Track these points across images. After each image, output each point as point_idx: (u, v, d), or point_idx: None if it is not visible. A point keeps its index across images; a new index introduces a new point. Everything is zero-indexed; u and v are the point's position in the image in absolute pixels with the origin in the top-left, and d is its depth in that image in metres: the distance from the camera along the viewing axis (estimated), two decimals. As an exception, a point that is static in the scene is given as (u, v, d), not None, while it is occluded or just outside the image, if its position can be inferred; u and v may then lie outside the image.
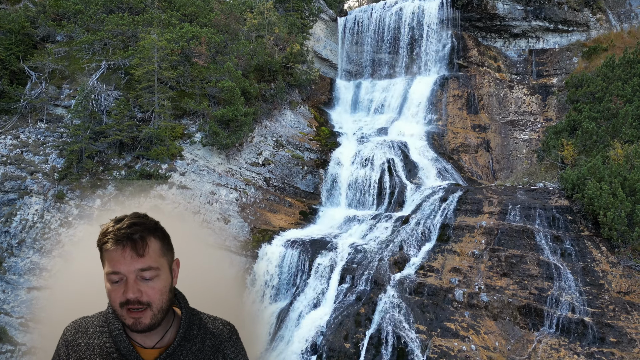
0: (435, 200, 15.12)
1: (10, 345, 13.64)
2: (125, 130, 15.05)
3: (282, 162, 19.42)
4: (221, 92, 16.68)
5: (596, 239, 11.76)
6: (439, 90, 23.19)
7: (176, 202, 15.33)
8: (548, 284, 10.91)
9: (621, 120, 14.68)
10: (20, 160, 15.26)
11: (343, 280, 12.95)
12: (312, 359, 10.97)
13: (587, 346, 9.43)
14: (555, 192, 13.91)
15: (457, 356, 9.70)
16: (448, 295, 11.34)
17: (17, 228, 14.37)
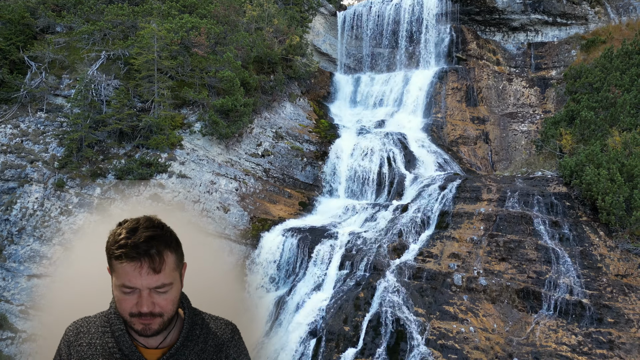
0: (434, 189, 15.18)
1: (11, 332, 13.68)
2: (125, 119, 15.09)
3: (281, 153, 19.46)
4: (221, 82, 16.72)
5: (594, 223, 11.81)
6: (438, 83, 23.25)
7: (176, 191, 15.37)
8: (546, 267, 10.96)
9: (619, 108, 14.74)
10: (20, 149, 15.30)
11: (342, 267, 13.00)
12: (312, 342, 11.01)
13: (584, 327, 9.49)
14: (554, 179, 13.97)
15: (455, 337, 9.76)
16: (447, 280, 11.39)
17: (17, 216, 14.41)
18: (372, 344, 10.18)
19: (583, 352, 8.91)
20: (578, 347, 9.04)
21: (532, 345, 9.27)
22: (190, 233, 15.20)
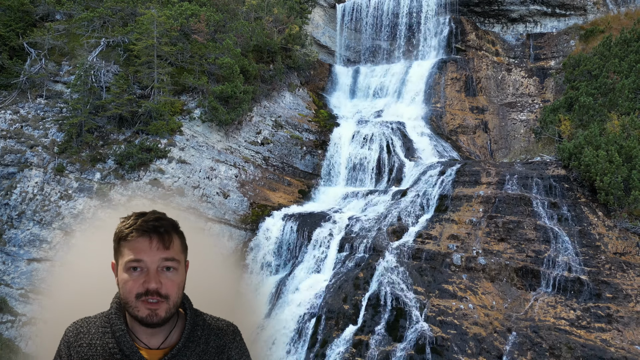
0: (434, 174, 15.22)
1: (11, 316, 13.70)
2: (124, 105, 15.10)
3: (281, 142, 19.49)
4: (220, 68, 16.74)
5: (592, 204, 11.86)
6: (438, 74, 23.28)
7: (176, 176, 15.39)
8: (545, 246, 11.01)
9: (618, 93, 14.79)
10: (20, 135, 15.31)
11: (342, 249, 13.04)
12: (311, 321, 11.05)
13: (583, 302, 9.53)
14: (552, 163, 14.02)
15: (454, 314, 9.80)
16: (446, 260, 11.43)
17: (17, 200, 14.43)
18: (372, 321, 10.21)
19: (582, 326, 8.96)
20: (577, 322, 9.09)
21: (531, 320, 9.32)
22: (190, 218, 15.24)
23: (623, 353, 8.08)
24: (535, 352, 8.54)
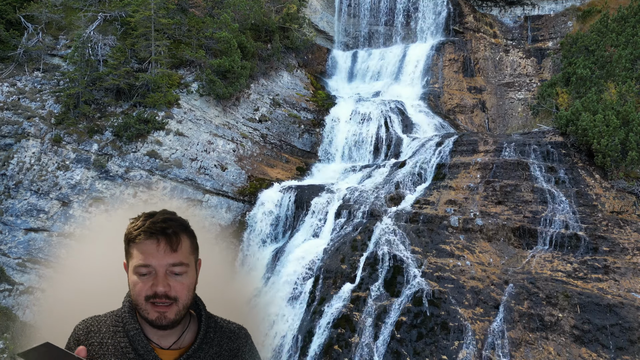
0: (431, 145, 15.23)
1: (8, 285, 13.68)
2: (122, 77, 15.07)
3: (278, 119, 19.48)
4: (218, 42, 16.72)
5: (589, 167, 11.89)
6: (435, 55, 23.29)
7: (173, 148, 15.37)
8: (542, 207, 11.03)
9: (615, 63, 14.81)
10: (17, 107, 15.27)
11: (339, 216, 13.04)
12: (309, 281, 11.06)
13: (580, 256, 9.55)
14: (550, 132, 14.04)
15: (452, 270, 9.81)
16: (443, 222, 11.44)
17: (14, 170, 14.39)
18: (369, 279, 10.23)
19: (578, 277, 8.98)
20: (573, 273, 9.11)
21: (528, 273, 9.34)
22: (188, 190, 15.23)
23: (619, 299, 8.11)
24: (532, 301, 8.56)
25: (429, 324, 8.67)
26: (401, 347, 8.50)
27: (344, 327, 9.27)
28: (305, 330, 9.81)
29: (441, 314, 8.77)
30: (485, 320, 8.51)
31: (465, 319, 8.59)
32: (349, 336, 9.08)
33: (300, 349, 9.56)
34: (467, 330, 8.36)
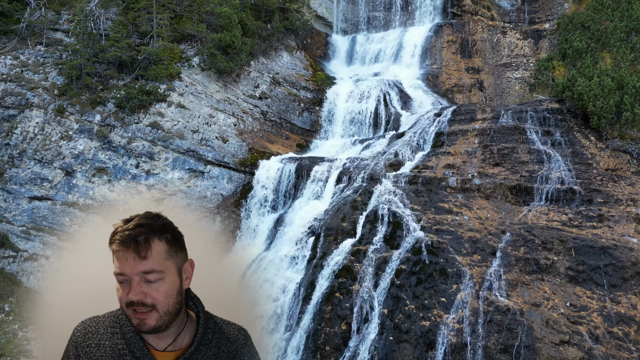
0: (430, 116, 15.45)
1: (12, 251, 13.84)
2: (124, 48, 15.24)
3: (278, 97, 19.67)
4: (219, 18, 16.90)
5: (585, 130, 12.13)
6: (434, 37, 23.52)
7: (175, 120, 15.55)
8: (538, 167, 11.26)
9: (610, 35, 15.05)
10: (20, 79, 15.42)
11: (340, 181, 13.25)
12: (311, 239, 11.26)
13: (575, 207, 9.78)
14: (546, 100, 14.27)
15: (450, 224, 10.03)
16: (442, 183, 11.66)
17: (17, 139, 14.55)
18: (369, 234, 10.44)
19: (574, 225, 9.21)
20: (569, 222, 9.34)
21: (524, 224, 9.56)
22: (190, 160, 15.42)
23: (613, 242, 8.34)
24: (528, 247, 8.79)
25: (428, 270, 8.89)
26: (401, 292, 8.72)
27: (345, 277, 9.48)
28: (307, 282, 10.02)
29: (440, 262, 8.99)
30: (483, 266, 8.74)
31: (463, 265, 8.81)
32: (350, 284, 9.29)
33: (303, 299, 9.77)
34: (465, 274, 8.59)
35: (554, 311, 7.54)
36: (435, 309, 8.18)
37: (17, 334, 12.31)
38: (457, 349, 7.50)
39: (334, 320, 8.86)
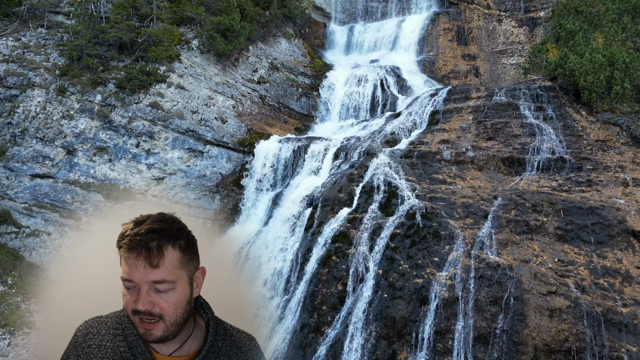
0: (426, 97, 15.72)
1: (15, 227, 14.07)
2: (124, 30, 15.46)
3: (277, 82, 19.90)
4: (218, 1, 17.13)
5: (576, 105, 12.40)
6: (430, 25, 23.79)
7: (175, 100, 15.78)
8: (530, 139, 11.53)
9: (602, 16, 15.32)
10: (22, 60, 15.63)
11: (337, 157, 13.51)
12: (308, 210, 11.52)
13: (565, 174, 10.06)
14: (539, 79, 14.54)
15: (444, 192, 10.29)
16: (436, 156, 11.92)
17: (19, 117, 14.77)
18: (365, 203, 10.69)
19: (563, 190, 9.48)
20: (558, 187, 9.61)
21: (515, 190, 9.83)
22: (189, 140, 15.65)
23: (601, 203, 8.61)
24: (519, 210, 9.05)
25: (422, 233, 9.15)
26: (395, 254, 8.98)
27: (342, 242, 9.74)
28: (304, 248, 10.28)
29: (433, 225, 9.25)
30: (475, 228, 9.00)
31: (456, 228, 9.07)
32: (346, 248, 9.55)
33: (300, 264, 10.02)
34: (458, 236, 8.85)
35: (542, 266, 7.81)
36: (428, 268, 8.45)
37: (19, 306, 12.55)
38: (449, 302, 7.77)
39: (330, 282, 9.12)
